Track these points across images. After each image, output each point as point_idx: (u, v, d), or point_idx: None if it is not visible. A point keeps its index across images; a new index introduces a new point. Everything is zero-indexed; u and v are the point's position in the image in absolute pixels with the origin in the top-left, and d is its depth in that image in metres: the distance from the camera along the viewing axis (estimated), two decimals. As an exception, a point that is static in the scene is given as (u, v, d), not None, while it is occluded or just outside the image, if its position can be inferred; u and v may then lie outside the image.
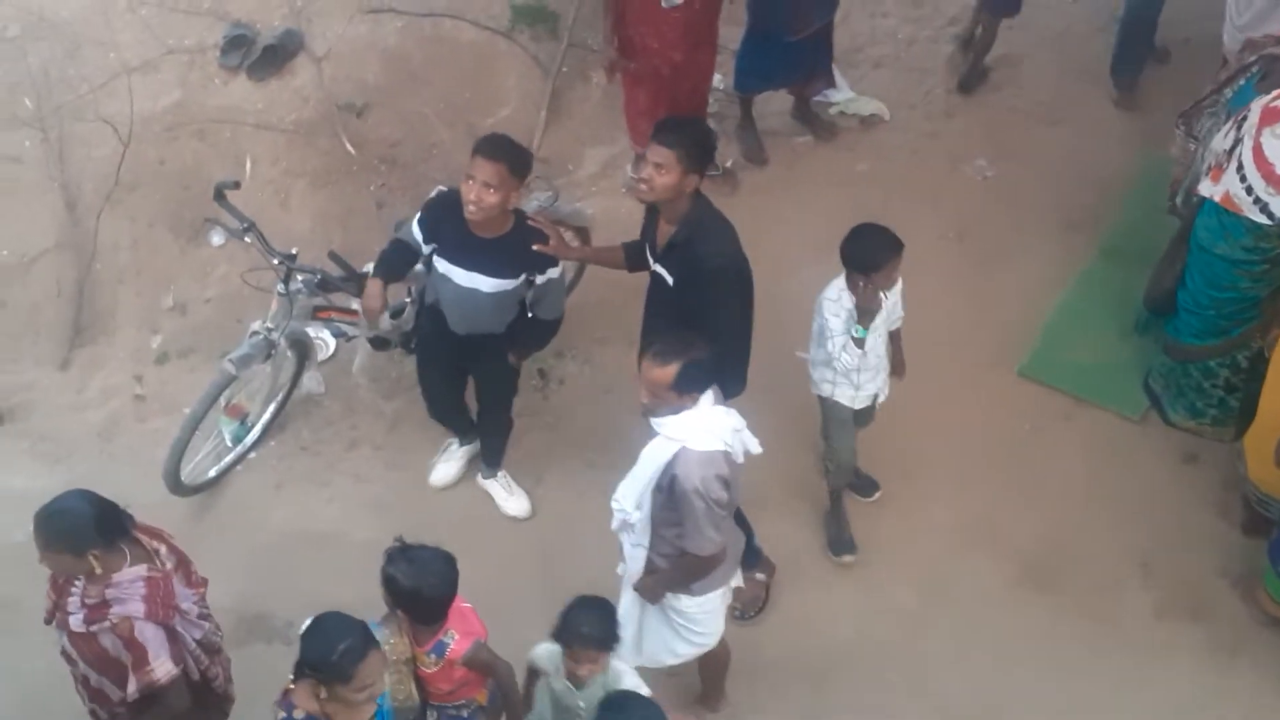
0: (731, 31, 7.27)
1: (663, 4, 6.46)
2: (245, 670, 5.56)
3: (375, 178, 7.24)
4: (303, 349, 6.28)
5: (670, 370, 4.46)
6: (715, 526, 4.59)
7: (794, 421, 6.00)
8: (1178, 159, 6.32)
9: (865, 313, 5.31)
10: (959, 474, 6.18)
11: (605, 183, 7.36)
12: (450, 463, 6.39)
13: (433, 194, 5.76)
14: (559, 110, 7.55)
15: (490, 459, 6.26)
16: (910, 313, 5.60)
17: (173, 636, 4.36)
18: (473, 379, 6.05)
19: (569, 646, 4.46)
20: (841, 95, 7.78)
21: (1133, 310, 6.69)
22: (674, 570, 4.78)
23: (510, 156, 5.18)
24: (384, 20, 7.47)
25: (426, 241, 5.51)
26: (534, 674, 4.71)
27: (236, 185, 6.05)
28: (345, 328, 6.24)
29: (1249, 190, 5.50)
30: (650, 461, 4.59)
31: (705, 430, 4.55)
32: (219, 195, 5.88)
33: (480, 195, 5.13)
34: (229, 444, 6.38)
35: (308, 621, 4.04)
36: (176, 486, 6.09)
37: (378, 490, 6.41)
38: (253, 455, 6.49)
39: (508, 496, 6.25)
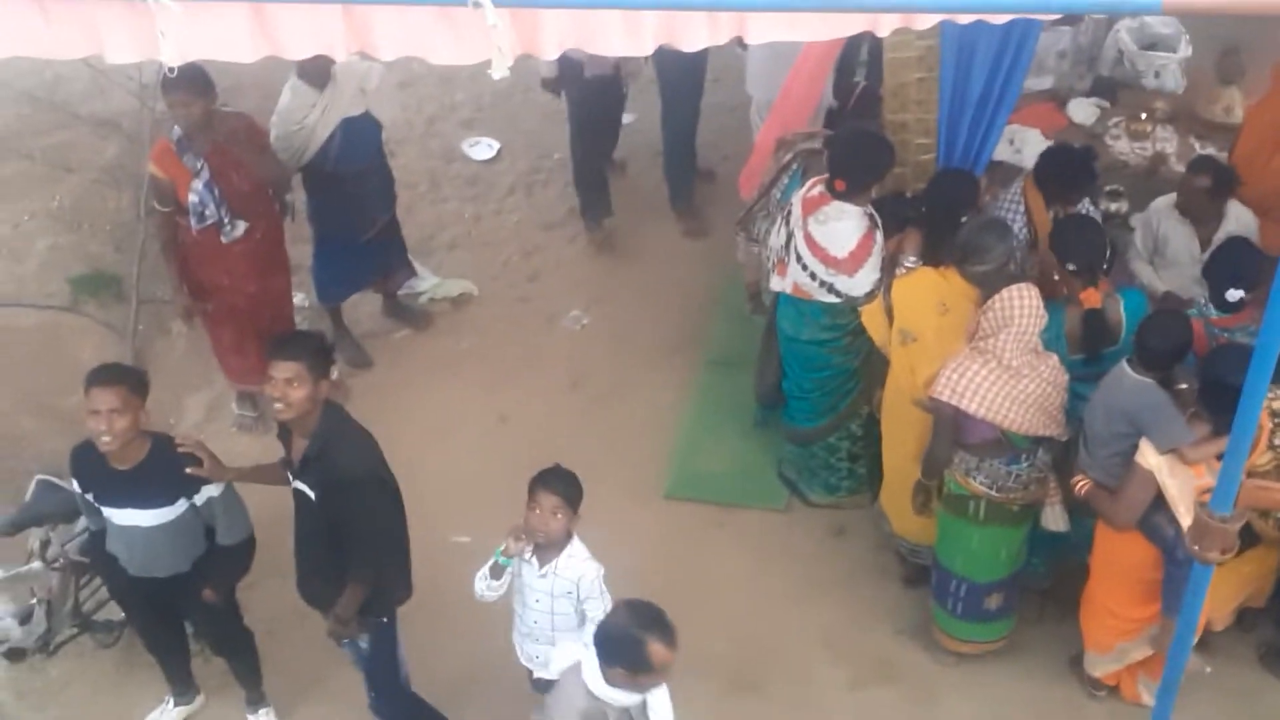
0: (302, 249, 7.31)
1: (222, 239, 6.43)
2: None
3: (-37, 486, 6.76)
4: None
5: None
6: None
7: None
8: (745, 263, 6.74)
9: None
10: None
11: (212, 426, 7.13)
12: None
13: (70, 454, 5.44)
14: (145, 369, 7.28)
15: (249, 692, 5.91)
16: (544, 464, 5.58)
17: None
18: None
19: None
20: (426, 283, 7.91)
21: (750, 411, 7.01)
22: None
23: (126, 377, 5.06)
24: (-65, 321, 7.10)
25: (84, 491, 5.25)
26: None
27: None
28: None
29: (813, 276, 5.91)
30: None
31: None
32: None
33: (110, 422, 4.93)
34: None
35: None
36: None
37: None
38: None
39: None
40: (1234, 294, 5.42)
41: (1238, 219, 6.12)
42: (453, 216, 8.45)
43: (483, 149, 8.88)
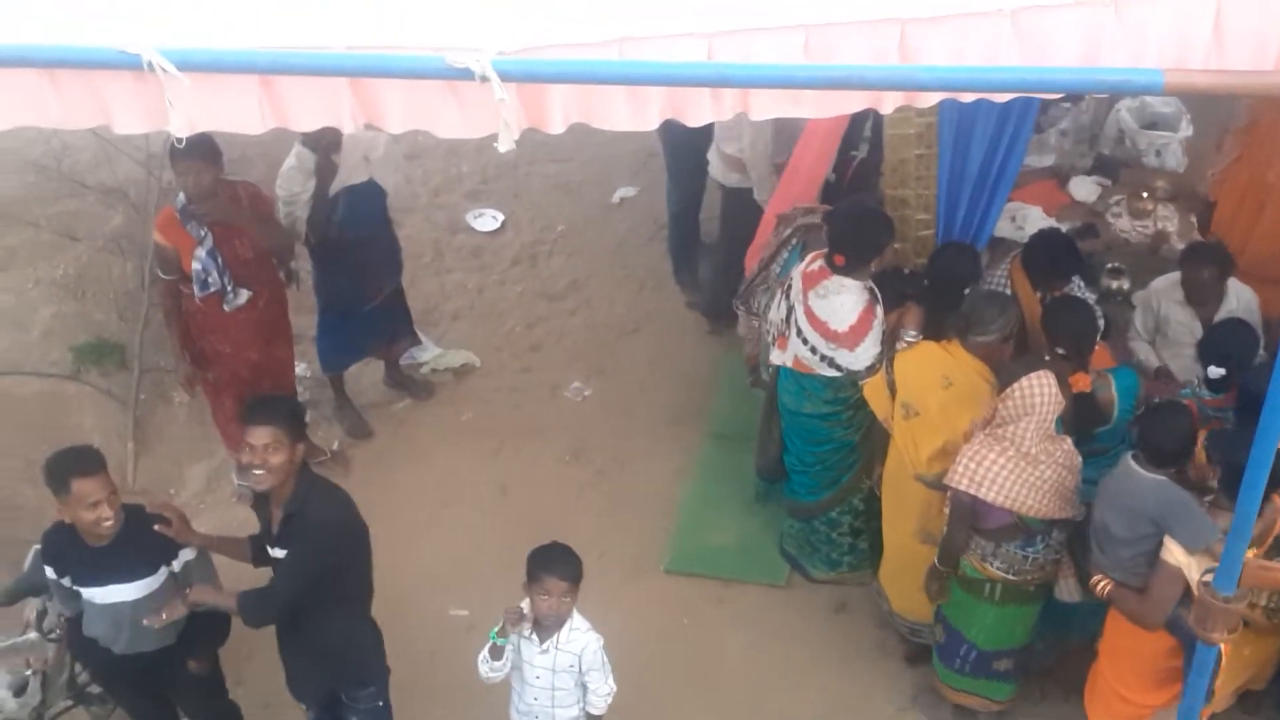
0: (306, 319, 7.33)
1: (225, 307, 6.43)
2: None
3: (-43, 554, 6.72)
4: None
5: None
6: None
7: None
8: (746, 337, 6.75)
9: None
10: (631, 681, 6.16)
11: (212, 497, 7.10)
12: None
13: (41, 540, 5.38)
14: (147, 438, 7.31)
15: None
16: (544, 537, 5.53)
17: None
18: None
19: None
20: (428, 353, 7.92)
21: (751, 485, 6.98)
22: None
23: (100, 459, 5.00)
24: (-61, 395, 7.09)
25: (60, 576, 5.18)
26: None
27: None
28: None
29: (813, 350, 5.92)
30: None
31: None
32: None
33: (109, 507, 4.90)
34: None
35: None
36: None
37: None
38: None
39: None
40: (1215, 371, 5.43)
41: (1238, 297, 6.14)
42: (456, 287, 8.48)
43: (487, 220, 8.94)
